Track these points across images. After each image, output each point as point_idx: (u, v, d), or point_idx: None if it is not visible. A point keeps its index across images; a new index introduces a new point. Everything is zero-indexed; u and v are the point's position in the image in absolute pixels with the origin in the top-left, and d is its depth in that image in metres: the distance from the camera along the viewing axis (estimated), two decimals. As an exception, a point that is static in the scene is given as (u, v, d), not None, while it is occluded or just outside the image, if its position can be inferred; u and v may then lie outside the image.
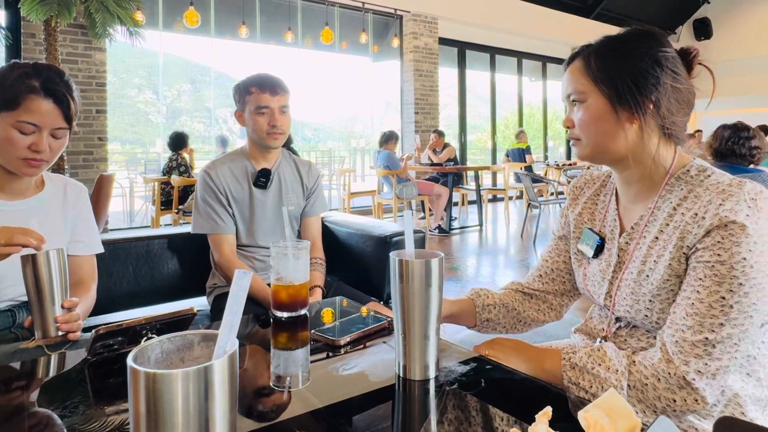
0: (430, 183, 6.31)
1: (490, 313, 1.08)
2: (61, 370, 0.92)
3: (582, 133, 0.90)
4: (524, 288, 1.12)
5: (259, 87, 1.62)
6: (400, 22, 7.88)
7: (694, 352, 0.76)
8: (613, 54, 0.86)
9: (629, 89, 0.84)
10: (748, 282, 0.74)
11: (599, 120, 0.87)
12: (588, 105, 0.88)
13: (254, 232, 1.70)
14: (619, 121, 0.86)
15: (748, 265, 0.74)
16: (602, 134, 0.88)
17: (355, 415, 0.75)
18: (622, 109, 0.85)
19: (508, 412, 0.72)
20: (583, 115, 0.89)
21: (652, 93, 0.84)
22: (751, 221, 0.75)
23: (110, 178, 3.51)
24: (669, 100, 0.85)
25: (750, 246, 0.74)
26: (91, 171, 5.35)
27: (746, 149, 2.51)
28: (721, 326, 0.75)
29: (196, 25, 6.05)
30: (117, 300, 1.68)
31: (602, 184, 1.06)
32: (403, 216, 0.87)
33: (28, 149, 1.13)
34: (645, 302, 0.86)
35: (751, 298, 0.74)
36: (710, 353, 0.75)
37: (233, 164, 1.70)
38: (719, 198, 0.78)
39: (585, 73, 0.88)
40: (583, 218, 1.04)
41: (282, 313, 1.08)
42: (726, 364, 0.75)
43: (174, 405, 0.44)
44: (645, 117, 0.85)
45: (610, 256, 0.95)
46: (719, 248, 0.76)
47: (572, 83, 0.90)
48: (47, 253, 1.00)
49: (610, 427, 0.52)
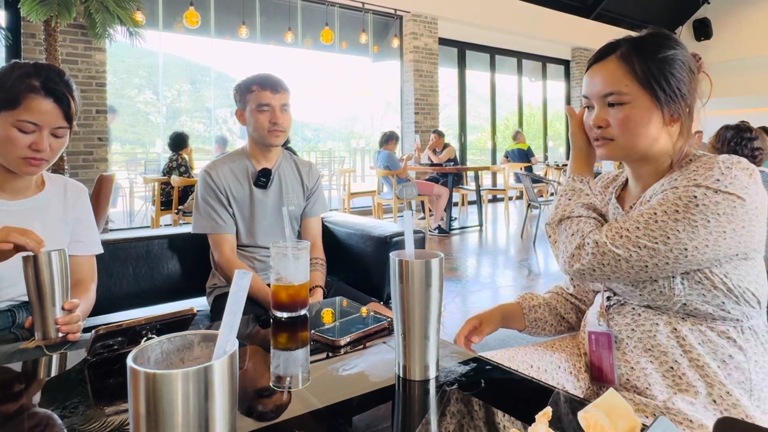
0: (429, 183, 6.31)
1: (536, 313, 1.13)
2: (61, 370, 0.92)
3: (621, 133, 0.90)
4: (564, 292, 1.18)
5: (260, 85, 1.64)
6: (400, 22, 7.88)
7: (613, 232, 0.85)
8: (654, 57, 0.88)
9: (674, 93, 0.88)
10: (687, 217, 0.80)
11: (645, 123, 0.89)
12: (632, 107, 0.89)
13: (254, 232, 1.70)
14: (663, 125, 0.89)
15: (697, 204, 0.80)
16: (644, 136, 0.89)
17: (355, 415, 0.75)
18: (669, 112, 0.89)
19: (508, 412, 0.72)
20: (626, 117, 0.89)
21: (689, 97, 0.89)
22: (720, 185, 0.80)
23: (110, 178, 3.51)
24: (694, 104, 0.91)
25: (709, 196, 0.80)
26: (91, 171, 5.36)
27: (748, 150, 2.51)
28: (637, 229, 0.83)
29: (196, 26, 6.05)
30: (117, 300, 1.68)
31: (613, 179, 1.11)
32: (403, 216, 0.87)
33: (28, 148, 1.13)
34: (628, 276, 0.90)
35: (682, 238, 0.80)
36: (625, 246, 0.83)
37: (234, 164, 1.70)
38: (694, 165, 0.85)
39: (629, 75, 0.89)
40: None
41: (282, 314, 1.08)
42: (623, 255, 0.83)
43: (174, 405, 0.44)
44: (684, 120, 0.90)
45: None
46: (676, 184, 0.84)
47: (613, 84, 0.90)
48: (49, 253, 1.00)
49: (610, 427, 0.52)
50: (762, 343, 0.87)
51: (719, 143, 2.59)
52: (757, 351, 0.86)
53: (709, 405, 0.83)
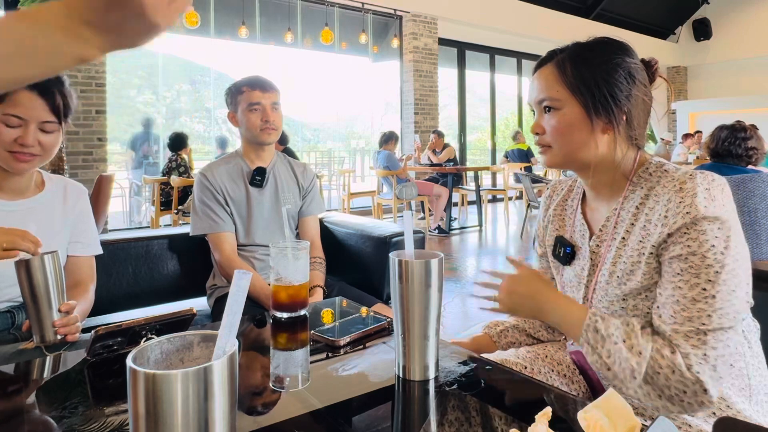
0: (429, 183, 6.32)
1: (507, 338, 1.10)
2: (61, 370, 0.92)
3: (554, 140, 0.90)
4: None
5: (250, 86, 1.68)
6: (400, 22, 7.88)
7: (689, 343, 0.76)
8: (588, 63, 0.87)
9: (605, 100, 0.85)
10: (723, 269, 0.75)
11: (573, 129, 0.87)
12: (563, 113, 0.88)
13: (252, 231, 1.71)
14: (593, 131, 0.87)
15: (719, 252, 0.76)
16: (575, 143, 0.88)
17: (355, 415, 0.75)
18: (597, 119, 0.86)
19: (507, 412, 0.72)
20: (557, 123, 0.89)
21: (625, 105, 0.86)
22: (709, 211, 0.76)
23: (109, 178, 3.51)
24: (639, 112, 0.88)
25: (715, 233, 0.76)
26: (91, 171, 5.35)
27: (743, 149, 2.51)
28: (709, 317, 0.75)
29: (195, 26, 6.05)
30: (117, 300, 1.68)
31: (569, 189, 1.06)
32: (403, 216, 0.87)
33: (14, 143, 1.12)
34: (619, 302, 0.87)
35: (730, 285, 0.75)
36: (705, 342, 0.75)
37: (228, 165, 1.73)
38: (678, 196, 0.79)
39: (560, 81, 0.88)
40: (554, 226, 1.05)
41: (282, 314, 1.08)
42: (722, 353, 0.75)
43: (173, 406, 0.44)
44: (618, 127, 0.87)
45: (584, 260, 0.96)
46: (688, 240, 0.77)
47: (546, 90, 0.90)
48: (42, 257, 0.98)
49: (610, 427, 0.52)
50: (755, 341, 0.87)
51: (714, 143, 2.60)
52: (754, 353, 0.86)
53: (710, 418, 0.82)
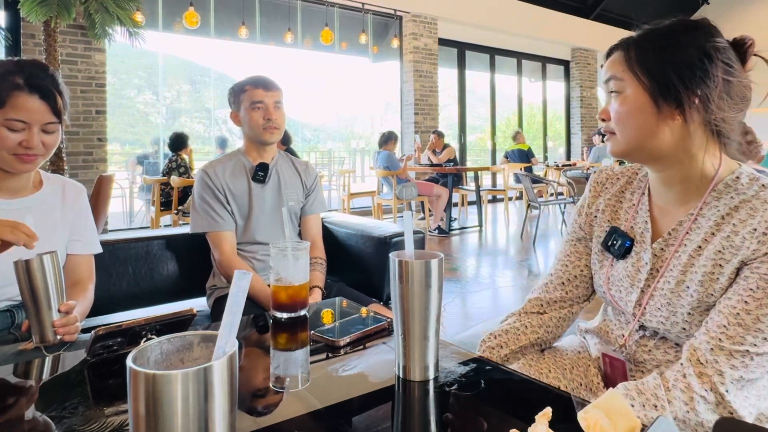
0: (429, 184, 6.32)
1: (514, 361, 1.00)
2: (61, 371, 0.92)
3: (617, 126, 0.84)
4: (542, 300, 1.03)
5: (252, 85, 1.68)
6: (400, 22, 7.88)
7: (730, 362, 0.72)
8: (655, 44, 0.80)
9: (672, 82, 0.78)
10: None
11: (637, 113, 0.81)
12: (625, 96, 0.82)
13: (253, 229, 1.71)
14: (660, 116, 0.80)
15: None
16: (639, 129, 0.81)
17: (355, 416, 0.75)
18: (664, 102, 0.79)
19: (507, 412, 0.72)
20: (619, 108, 0.83)
21: (699, 86, 0.77)
22: None
23: (109, 178, 3.51)
24: (720, 95, 0.78)
25: None
26: (91, 172, 5.35)
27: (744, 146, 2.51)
28: (765, 341, 0.71)
29: (195, 26, 6.06)
30: (116, 301, 1.68)
31: (628, 180, 0.98)
32: (403, 217, 0.87)
33: (19, 146, 1.13)
34: (683, 315, 0.81)
35: None
36: (747, 365, 0.71)
37: (230, 162, 1.73)
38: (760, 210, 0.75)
39: (623, 62, 0.82)
40: (606, 216, 0.97)
41: (282, 314, 1.07)
42: (757, 377, 0.72)
43: (173, 406, 0.44)
44: (690, 112, 0.78)
45: (640, 261, 0.89)
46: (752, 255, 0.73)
47: (609, 69, 0.84)
48: (41, 257, 0.98)
49: (610, 427, 0.52)
50: None
51: None
52: None
53: None
